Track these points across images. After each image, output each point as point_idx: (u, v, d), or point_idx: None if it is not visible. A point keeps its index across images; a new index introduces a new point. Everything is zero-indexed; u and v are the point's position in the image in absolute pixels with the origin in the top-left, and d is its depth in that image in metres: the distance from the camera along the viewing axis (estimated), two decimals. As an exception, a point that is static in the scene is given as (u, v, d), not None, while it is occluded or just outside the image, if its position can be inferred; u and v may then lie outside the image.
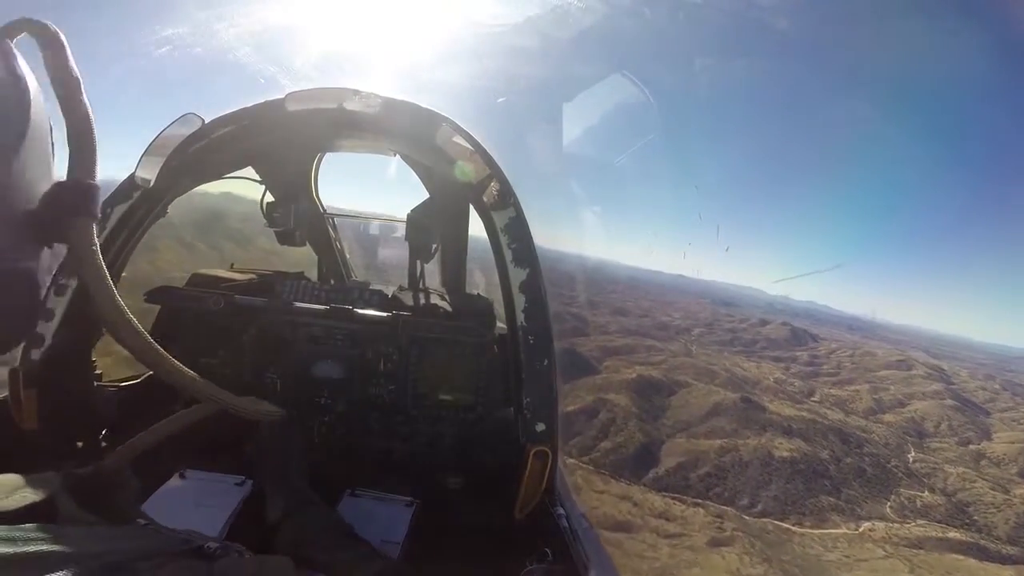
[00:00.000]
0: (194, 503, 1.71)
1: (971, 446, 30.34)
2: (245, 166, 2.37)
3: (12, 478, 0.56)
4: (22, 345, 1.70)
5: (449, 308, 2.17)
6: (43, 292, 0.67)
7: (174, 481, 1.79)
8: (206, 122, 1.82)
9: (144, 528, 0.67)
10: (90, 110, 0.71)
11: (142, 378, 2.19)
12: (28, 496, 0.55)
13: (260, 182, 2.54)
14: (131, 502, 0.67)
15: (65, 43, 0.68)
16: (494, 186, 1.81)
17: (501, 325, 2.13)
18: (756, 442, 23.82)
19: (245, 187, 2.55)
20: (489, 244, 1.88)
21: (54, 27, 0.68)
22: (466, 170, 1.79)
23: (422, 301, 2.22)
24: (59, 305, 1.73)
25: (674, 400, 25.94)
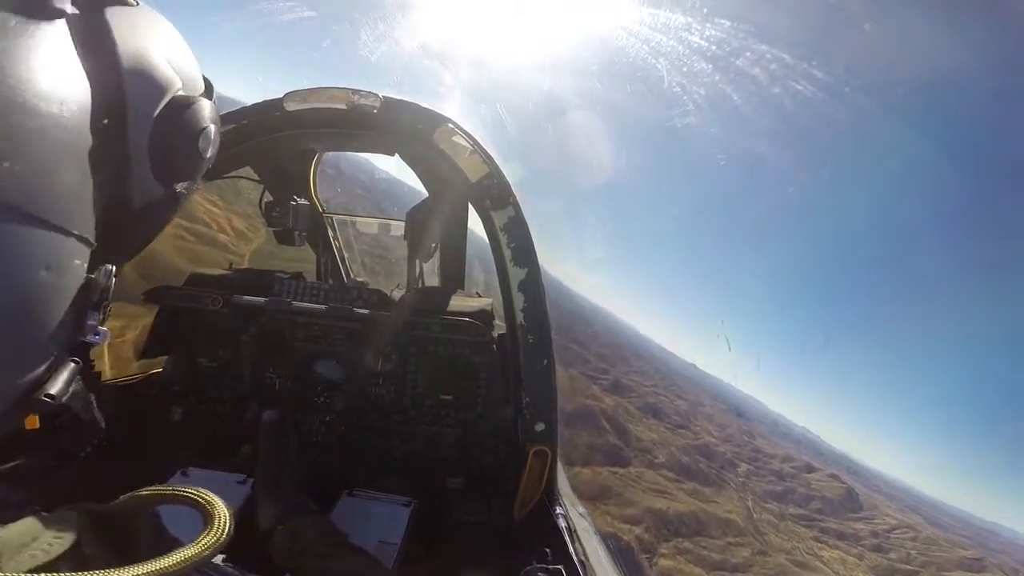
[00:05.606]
0: None
1: None
2: (244, 166, 2.36)
3: (30, 523, 0.52)
4: None
5: (448, 308, 2.17)
6: None
7: (176, 479, 1.78)
8: None
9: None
10: None
11: (142, 377, 2.18)
12: (56, 542, 0.51)
13: (259, 182, 2.53)
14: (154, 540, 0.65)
15: None
16: (493, 186, 1.82)
17: (501, 324, 2.13)
18: None
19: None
20: (488, 243, 1.89)
21: None
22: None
23: (421, 301, 2.23)
24: None
25: None
